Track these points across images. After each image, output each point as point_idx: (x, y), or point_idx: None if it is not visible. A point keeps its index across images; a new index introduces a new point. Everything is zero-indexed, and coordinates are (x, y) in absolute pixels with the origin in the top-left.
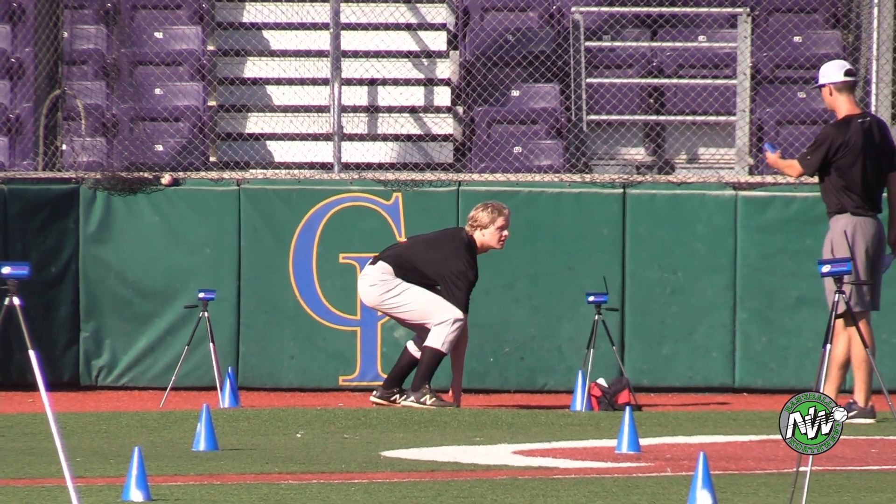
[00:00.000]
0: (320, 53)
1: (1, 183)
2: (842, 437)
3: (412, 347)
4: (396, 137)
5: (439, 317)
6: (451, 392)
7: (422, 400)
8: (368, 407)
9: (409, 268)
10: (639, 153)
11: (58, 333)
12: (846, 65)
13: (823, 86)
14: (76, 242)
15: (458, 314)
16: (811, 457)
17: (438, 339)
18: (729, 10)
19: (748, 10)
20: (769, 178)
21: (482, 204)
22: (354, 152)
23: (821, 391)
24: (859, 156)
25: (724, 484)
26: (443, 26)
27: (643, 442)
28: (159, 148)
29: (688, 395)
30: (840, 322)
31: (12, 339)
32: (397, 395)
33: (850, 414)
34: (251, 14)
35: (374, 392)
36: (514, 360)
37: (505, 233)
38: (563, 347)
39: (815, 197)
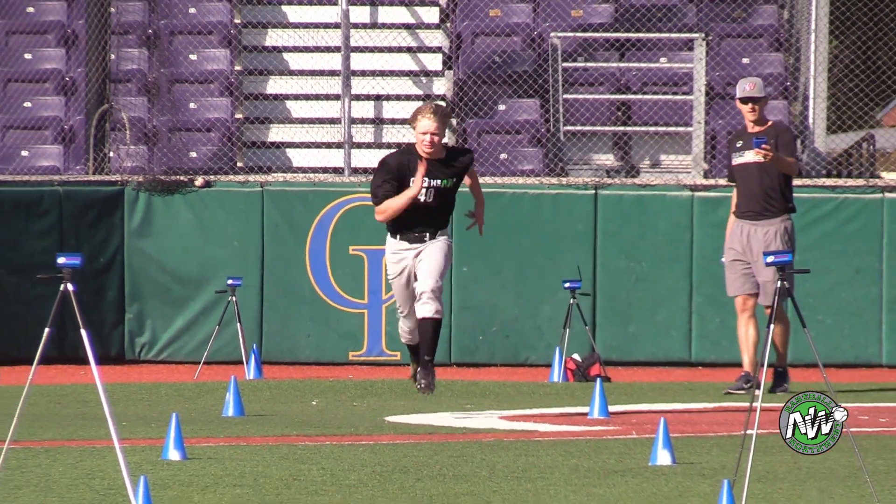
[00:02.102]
0: (333, 73)
1: (57, 185)
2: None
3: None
4: (399, 145)
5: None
6: None
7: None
8: (374, 378)
9: None
10: (608, 159)
11: (106, 315)
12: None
13: (766, 97)
14: (122, 236)
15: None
16: (756, 421)
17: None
18: (686, 35)
19: (703, 35)
20: (721, 182)
21: None
22: (362, 158)
23: (765, 363)
24: None
25: (681, 445)
26: (439, 49)
27: (612, 409)
28: (193, 154)
29: (651, 368)
30: (750, 302)
31: (66, 320)
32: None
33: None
34: (273, 38)
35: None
36: (500, 338)
37: (425, 139)
38: (543, 327)
39: None
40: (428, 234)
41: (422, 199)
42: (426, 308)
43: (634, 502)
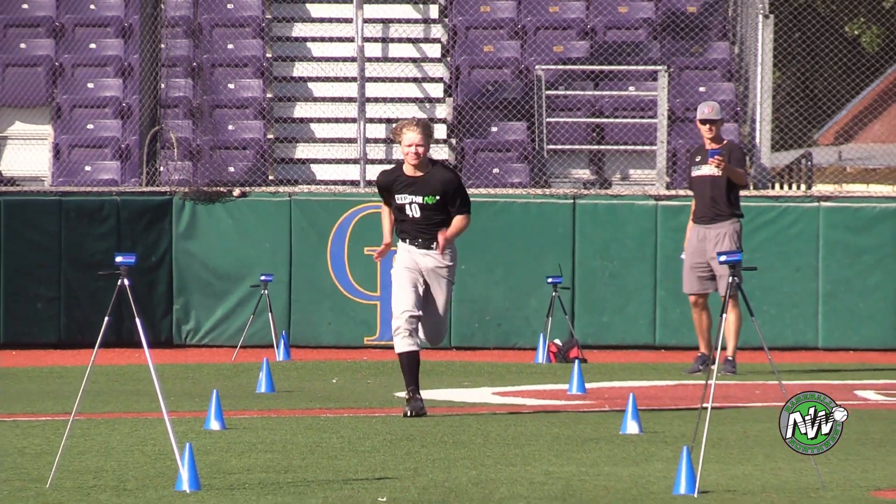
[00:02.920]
0: (350, 99)
1: (115, 195)
2: (735, 381)
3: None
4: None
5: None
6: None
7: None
8: (386, 360)
9: None
10: (585, 173)
11: (156, 305)
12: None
13: (721, 119)
14: (170, 239)
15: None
16: (711, 395)
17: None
18: (651, 67)
19: (665, 67)
20: (681, 192)
21: None
22: (375, 172)
23: (718, 348)
24: None
25: (647, 416)
26: (440, 79)
27: (588, 386)
28: (231, 169)
29: (621, 351)
30: (701, 299)
31: (123, 310)
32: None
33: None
34: (299, 70)
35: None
36: (493, 326)
37: (410, 151)
38: (529, 316)
39: None
40: (427, 243)
41: (409, 213)
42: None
43: (608, 465)
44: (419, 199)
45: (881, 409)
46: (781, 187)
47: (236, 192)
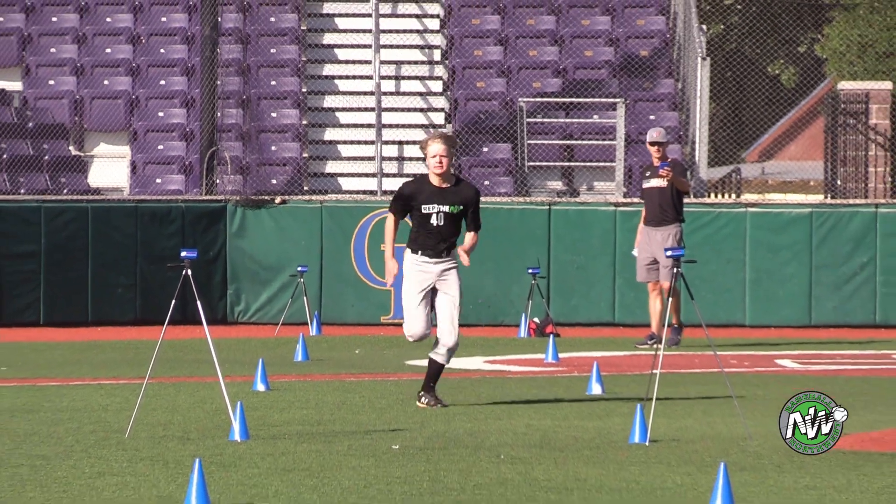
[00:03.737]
0: (369, 125)
1: (180, 202)
2: (679, 351)
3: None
4: (415, 175)
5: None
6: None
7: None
8: (398, 335)
9: None
10: (558, 185)
11: (214, 291)
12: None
13: (667, 142)
14: (224, 237)
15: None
16: (660, 362)
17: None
18: (611, 100)
19: (623, 100)
20: (635, 200)
21: None
22: (389, 184)
23: (664, 325)
24: None
25: (608, 380)
26: (442, 109)
27: (561, 355)
28: (273, 181)
29: (587, 327)
30: (657, 286)
31: (186, 295)
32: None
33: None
34: (328, 101)
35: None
36: (484, 307)
37: (434, 162)
38: (513, 300)
39: None
40: (444, 252)
41: (434, 222)
42: (442, 356)
43: (577, 418)
44: (445, 209)
45: (796, 374)
46: (716, 196)
47: (277, 200)
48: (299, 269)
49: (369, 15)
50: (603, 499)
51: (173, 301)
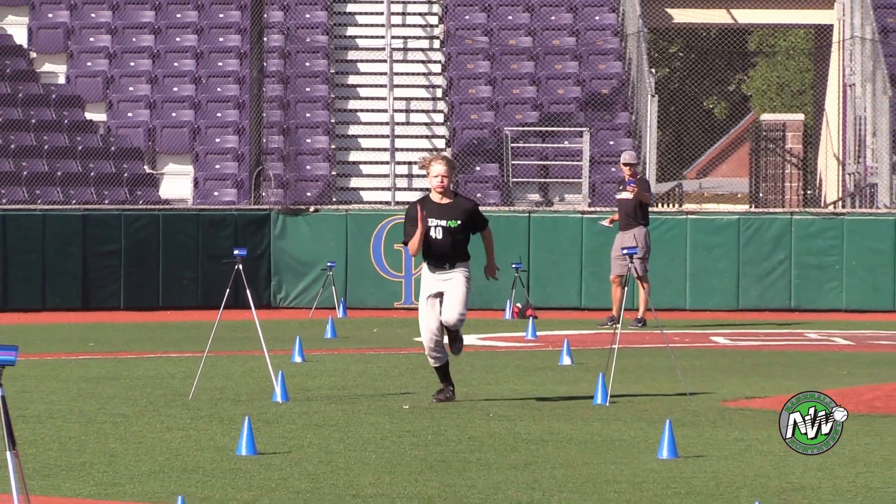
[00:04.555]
0: (385, 149)
1: (234, 210)
2: (632, 331)
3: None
4: (421, 189)
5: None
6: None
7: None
8: (408, 317)
9: None
10: (536, 197)
11: (260, 282)
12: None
13: (637, 163)
14: (269, 239)
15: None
16: (618, 339)
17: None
18: (578, 129)
19: (588, 129)
20: (598, 208)
21: None
22: (401, 196)
23: (621, 311)
24: None
25: (577, 353)
26: (443, 136)
27: (538, 334)
28: (308, 194)
29: (559, 311)
30: (618, 278)
31: (238, 284)
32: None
33: (631, 322)
34: (352, 130)
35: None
36: (476, 295)
37: (436, 181)
38: (500, 288)
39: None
40: (447, 263)
41: (433, 235)
42: (450, 319)
43: (551, 384)
44: (443, 223)
45: (727, 349)
46: (662, 206)
47: (311, 209)
48: (328, 264)
49: (385, 61)
50: (572, 448)
51: (227, 290)
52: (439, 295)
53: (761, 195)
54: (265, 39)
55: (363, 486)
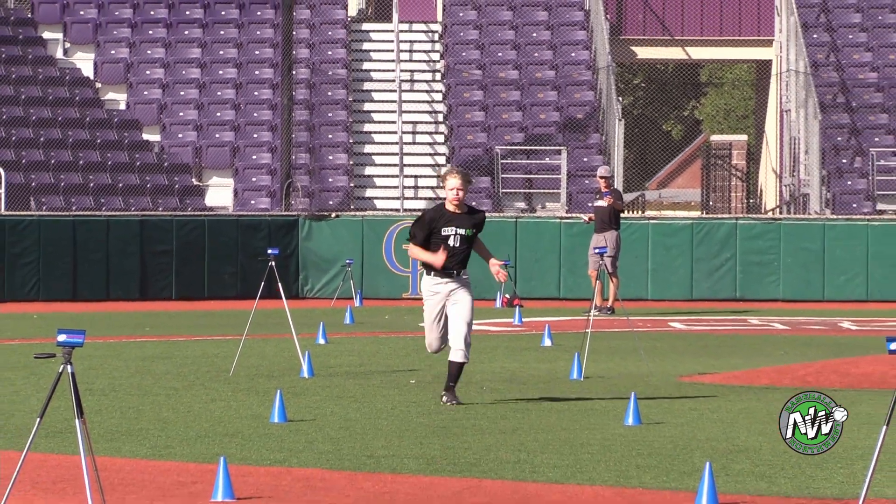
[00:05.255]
0: (395, 165)
1: (268, 216)
2: (603, 318)
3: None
4: (426, 199)
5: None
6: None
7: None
8: (414, 306)
9: None
10: (522, 205)
11: (290, 276)
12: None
13: (612, 176)
14: (297, 240)
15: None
16: (590, 325)
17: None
18: (557, 147)
19: (566, 147)
20: (573, 215)
21: None
22: (410, 205)
23: (594, 299)
24: None
25: (557, 336)
26: (444, 154)
27: (524, 320)
28: (331, 203)
29: (541, 300)
30: (594, 273)
31: (271, 278)
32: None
33: (605, 310)
34: (367, 149)
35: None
36: (472, 287)
37: (452, 193)
38: (492, 282)
39: (587, 224)
40: (455, 271)
41: (451, 243)
42: (457, 355)
43: (535, 362)
44: (462, 231)
45: (682, 332)
46: (628, 213)
47: (333, 215)
48: (347, 261)
49: (395, 91)
50: (552, 416)
51: (262, 283)
52: (444, 315)
53: (711, 203)
54: (294, 72)
55: (376, 448)
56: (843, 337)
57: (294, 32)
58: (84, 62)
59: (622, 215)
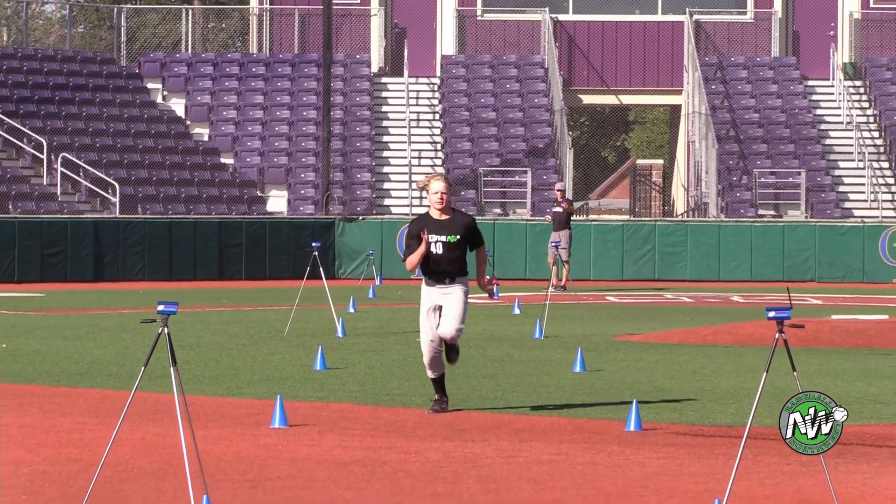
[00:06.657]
0: (405, 181)
1: (312, 219)
2: (558, 292)
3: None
4: (428, 206)
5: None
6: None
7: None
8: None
9: None
10: (498, 211)
11: (329, 262)
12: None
13: (564, 190)
14: (334, 236)
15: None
16: (549, 297)
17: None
18: (523, 169)
19: (531, 169)
20: (537, 218)
21: None
22: (418, 211)
23: (558, 279)
24: None
25: (525, 307)
26: (441, 174)
27: (500, 294)
28: (358, 209)
29: (512, 281)
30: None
31: (315, 265)
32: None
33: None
34: (385, 169)
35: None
36: None
37: (436, 197)
38: (473, 269)
39: (547, 223)
40: (447, 278)
41: (434, 250)
42: (445, 333)
43: (507, 325)
44: (443, 238)
45: (615, 304)
46: (577, 216)
47: (360, 218)
48: (371, 252)
49: (405, 126)
50: (521, 366)
51: (308, 267)
52: (438, 309)
53: (637, 210)
54: (331, 113)
55: (391, 388)
56: (734, 307)
57: (331, 84)
58: (177, 105)
59: (573, 218)
